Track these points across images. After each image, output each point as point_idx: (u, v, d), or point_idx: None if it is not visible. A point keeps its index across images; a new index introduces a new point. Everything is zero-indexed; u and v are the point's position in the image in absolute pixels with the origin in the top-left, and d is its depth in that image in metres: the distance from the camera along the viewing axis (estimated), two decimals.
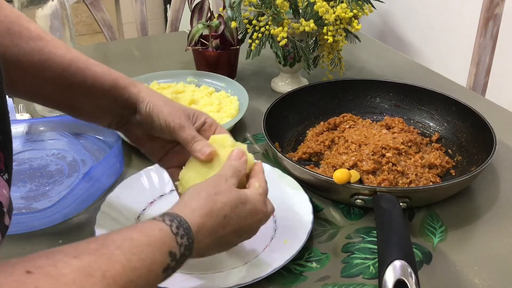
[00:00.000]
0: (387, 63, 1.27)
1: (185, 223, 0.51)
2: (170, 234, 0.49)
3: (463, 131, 0.90)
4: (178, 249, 0.49)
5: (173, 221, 0.50)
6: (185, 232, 0.50)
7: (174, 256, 0.48)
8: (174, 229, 0.49)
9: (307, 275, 0.66)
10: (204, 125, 0.66)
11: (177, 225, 0.50)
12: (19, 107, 1.03)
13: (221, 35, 1.08)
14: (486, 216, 0.76)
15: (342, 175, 0.72)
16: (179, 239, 0.49)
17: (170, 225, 0.49)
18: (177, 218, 0.50)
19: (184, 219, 0.51)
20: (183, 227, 0.50)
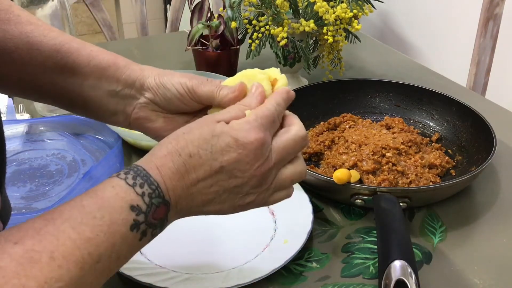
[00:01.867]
0: (387, 63, 1.27)
1: (142, 171, 0.45)
2: (126, 186, 0.44)
3: (463, 131, 0.90)
4: (141, 200, 0.44)
5: (128, 173, 0.45)
6: (143, 180, 0.45)
7: (139, 209, 0.44)
8: (129, 180, 0.44)
9: (307, 275, 0.66)
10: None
11: (133, 176, 0.45)
12: (19, 107, 1.03)
13: (221, 35, 1.08)
14: (486, 216, 0.76)
15: (342, 175, 0.72)
16: (138, 189, 0.44)
17: (125, 178, 0.44)
18: (134, 169, 0.46)
19: (141, 167, 0.46)
20: (140, 176, 0.45)
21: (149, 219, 0.44)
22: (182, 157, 0.47)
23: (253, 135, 0.48)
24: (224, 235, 0.72)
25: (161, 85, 0.57)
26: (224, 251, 0.69)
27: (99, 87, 0.58)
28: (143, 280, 0.61)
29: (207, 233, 0.72)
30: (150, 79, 0.57)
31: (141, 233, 0.44)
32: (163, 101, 0.58)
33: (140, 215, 0.44)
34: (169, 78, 0.57)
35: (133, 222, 0.43)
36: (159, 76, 0.57)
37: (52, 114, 1.01)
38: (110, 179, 0.45)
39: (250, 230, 0.72)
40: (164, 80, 0.57)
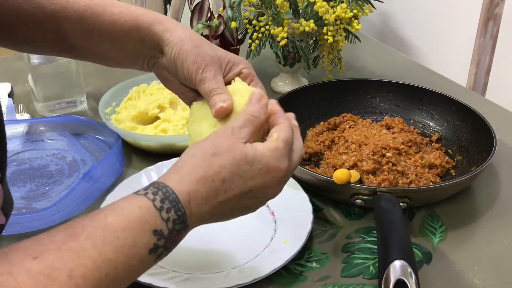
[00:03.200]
0: (387, 63, 1.27)
1: (171, 194, 0.44)
2: (153, 210, 0.43)
3: (463, 131, 0.90)
4: (165, 225, 0.43)
5: (157, 193, 0.44)
6: (171, 205, 0.44)
7: (161, 234, 0.43)
8: (157, 203, 0.43)
9: (307, 275, 0.66)
10: (239, 76, 0.58)
11: (162, 198, 0.44)
12: (19, 107, 1.04)
13: (221, 35, 1.08)
14: (486, 216, 0.76)
15: (342, 175, 0.72)
16: (165, 214, 0.43)
17: (153, 199, 0.44)
18: (163, 189, 0.44)
19: (171, 189, 0.45)
20: (169, 200, 0.44)
21: (167, 243, 0.45)
22: (215, 183, 0.47)
23: (282, 164, 0.50)
24: (224, 235, 0.72)
25: (174, 62, 0.57)
26: (224, 251, 0.69)
27: (126, 48, 0.59)
28: (143, 280, 0.61)
29: (207, 233, 0.72)
30: (168, 48, 0.57)
31: (157, 256, 0.44)
32: (173, 72, 0.59)
33: (161, 240, 0.43)
34: (183, 58, 0.56)
35: (153, 246, 0.43)
36: (176, 48, 0.56)
37: (52, 114, 1.01)
38: (137, 197, 0.44)
39: (250, 230, 0.72)
40: (178, 59, 0.56)
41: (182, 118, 0.91)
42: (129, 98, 0.99)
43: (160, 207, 0.43)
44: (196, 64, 0.55)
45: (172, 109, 0.95)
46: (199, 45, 0.56)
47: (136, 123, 0.93)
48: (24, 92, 1.10)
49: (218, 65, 0.57)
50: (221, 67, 0.57)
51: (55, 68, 0.98)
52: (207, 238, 0.71)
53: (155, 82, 1.03)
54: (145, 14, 0.58)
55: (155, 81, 1.04)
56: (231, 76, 0.58)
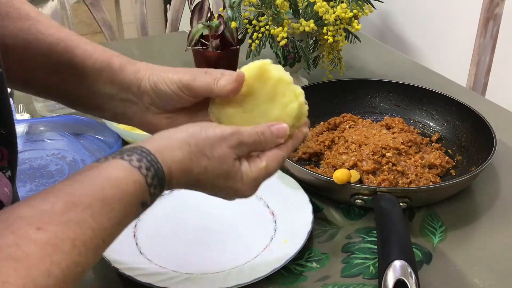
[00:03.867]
0: (387, 63, 1.27)
1: (160, 172, 0.47)
2: (145, 186, 0.46)
3: (463, 131, 0.90)
4: (150, 199, 0.47)
5: (149, 169, 0.46)
6: (158, 183, 0.47)
7: (145, 205, 0.47)
8: (149, 179, 0.46)
9: (307, 275, 0.66)
10: None
11: (153, 175, 0.46)
12: (19, 107, 1.03)
13: (221, 35, 1.08)
14: (486, 216, 0.76)
15: (342, 175, 0.72)
16: (153, 190, 0.47)
17: (145, 175, 0.46)
18: (154, 166, 0.47)
19: (161, 168, 0.47)
20: (158, 177, 0.47)
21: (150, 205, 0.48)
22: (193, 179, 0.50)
23: (251, 192, 0.53)
24: (224, 235, 0.72)
25: (155, 87, 0.56)
26: (224, 251, 0.69)
27: (96, 89, 0.57)
28: (143, 280, 0.61)
29: (207, 233, 0.72)
30: (144, 83, 0.56)
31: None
32: (160, 102, 0.56)
33: (144, 208, 0.47)
34: (162, 77, 0.55)
35: (136, 214, 0.46)
36: (152, 76, 0.56)
37: (52, 114, 1.01)
38: (132, 171, 0.45)
39: (250, 230, 0.72)
40: (157, 80, 0.55)
41: None
42: None
43: (150, 183, 0.46)
44: (180, 73, 0.55)
45: None
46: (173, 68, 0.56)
47: None
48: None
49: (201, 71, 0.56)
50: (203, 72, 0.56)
51: None
52: (207, 238, 0.71)
53: None
54: (119, 56, 0.57)
55: None
56: None
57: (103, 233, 0.42)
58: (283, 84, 0.53)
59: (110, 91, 0.57)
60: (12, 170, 0.49)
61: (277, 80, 0.53)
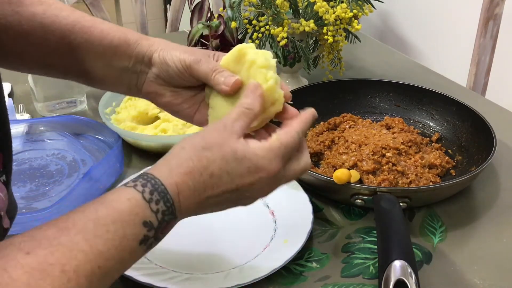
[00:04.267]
0: (387, 63, 1.27)
1: (160, 185, 0.45)
2: (142, 202, 0.43)
3: (463, 131, 0.90)
4: (155, 217, 0.44)
5: (146, 185, 0.44)
6: (160, 196, 0.44)
7: (151, 225, 0.44)
8: (147, 195, 0.44)
9: (307, 275, 0.66)
10: None
11: (151, 190, 0.44)
12: (19, 107, 1.04)
13: (221, 35, 1.08)
14: (486, 216, 0.76)
15: (342, 175, 0.72)
16: (154, 205, 0.44)
17: (142, 191, 0.44)
18: (152, 181, 0.45)
19: (160, 181, 0.45)
20: (157, 191, 0.44)
21: (157, 234, 0.45)
22: (203, 176, 0.47)
23: (274, 166, 0.49)
24: (224, 235, 0.72)
25: (164, 62, 0.57)
26: (224, 251, 0.69)
27: (113, 64, 0.59)
28: (143, 280, 0.61)
29: (207, 233, 0.72)
30: (155, 54, 0.58)
31: (148, 246, 0.45)
32: (166, 76, 0.58)
33: (151, 231, 0.44)
34: (171, 53, 0.57)
35: (143, 237, 0.43)
36: (163, 51, 0.58)
37: (52, 114, 1.01)
38: (127, 189, 0.44)
39: (250, 230, 0.72)
40: (166, 55, 0.57)
41: None
42: (129, 98, 0.99)
43: (149, 198, 0.44)
44: (187, 53, 0.56)
45: None
46: (184, 46, 0.58)
47: (136, 123, 0.93)
48: (24, 92, 1.10)
49: (208, 54, 0.57)
50: (209, 56, 0.57)
51: None
52: (207, 238, 0.71)
53: None
54: (133, 32, 0.60)
55: None
56: None
57: (98, 257, 0.40)
58: (255, 67, 0.54)
59: (126, 65, 0.59)
60: (7, 174, 0.49)
61: (250, 63, 0.54)
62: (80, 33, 0.58)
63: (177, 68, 0.57)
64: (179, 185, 0.46)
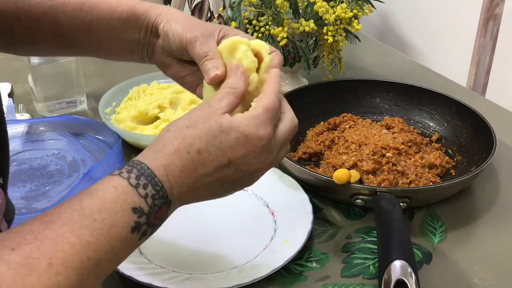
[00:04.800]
0: (387, 63, 1.27)
1: (146, 169, 0.44)
2: (129, 187, 0.42)
3: (463, 131, 0.90)
4: (144, 202, 0.43)
5: (131, 171, 0.43)
6: (147, 180, 0.43)
7: (141, 211, 0.42)
8: (133, 180, 0.43)
9: (307, 275, 0.66)
10: None
11: (137, 175, 0.43)
12: (19, 107, 1.03)
13: None
14: (486, 216, 0.76)
15: (342, 175, 0.72)
16: (142, 190, 0.43)
17: (127, 177, 0.43)
18: (137, 166, 0.44)
19: (146, 165, 0.44)
20: (144, 175, 0.43)
21: (150, 220, 0.44)
22: (191, 154, 0.46)
23: (262, 130, 0.48)
24: (224, 235, 0.72)
25: (166, 34, 0.57)
26: (224, 251, 0.69)
27: (124, 37, 0.59)
28: (143, 280, 0.61)
29: (207, 233, 0.72)
30: (160, 26, 0.58)
31: (142, 234, 0.44)
32: (169, 49, 0.58)
33: (142, 217, 0.43)
34: (173, 27, 0.56)
35: (134, 224, 0.42)
36: (167, 24, 0.57)
37: (52, 114, 1.01)
38: (112, 178, 0.43)
39: (250, 230, 0.72)
40: (168, 28, 0.57)
41: None
42: (129, 98, 0.99)
43: (136, 184, 0.43)
44: (186, 29, 0.55)
45: (172, 109, 0.95)
46: (189, 18, 0.57)
47: (136, 123, 0.93)
48: (24, 92, 1.10)
49: (210, 32, 0.56)
50: (213, 34, 0.56)
51: (55, 68, 0.98)
52: (207, 238, 0.71)
53: (155, 82, 1.03)
54: (141, 3, 0.59)
55: (155, 81, 1.04)
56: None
57: (87, 248, 0.39)
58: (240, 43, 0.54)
59: (137, 37, 0.59)
60: (4, 178, 0.49)
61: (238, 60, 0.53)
62: (90, 10, 0.58)
63: (176, 44, 0.56)
64: (167, 166, 0.45)
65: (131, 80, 1.02)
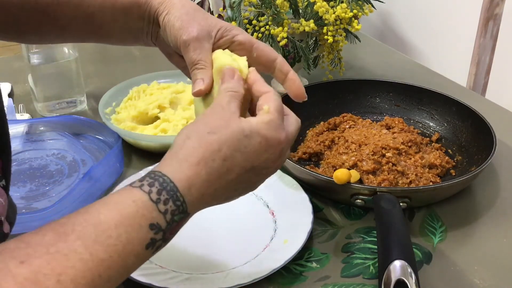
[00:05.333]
0: (387, 63, 1.27)
1: (169, 183, 0.42)
2: (149, 203, 0.41)
3: (463, 131, 0.90)
4: (163, 218, 0.41)
5: (153, 185, 0.41)
6: (169, 196, 0.41)
7: (158, 227, 0.41)
8: (154, 195, 0.41)
9: (307, 275, 0.66)
10: (233, 44, 0.55)
11: (159, 189, 0.41)
12: (19, 107, 1.04)
13: None
14: (486, 216, 0.76)
15: (342, 175, 0.72)
16: (162, 206, 0.41)
17: (148, 191, 0.41)
18: (159, 179, 0.42)
19: (169, 179, 0.42)
20: (166, 190, 0.41)
21: (166, 236, 0.43)
22: (216, 161, 0.44)
23: (281, 134, 0.48)
24: (224, 235, 0.72)
25: (164, 28, 0.56)
26: (224, 251, 0.69)
27: (128, 26, 0.60)
28: (143, 280, 0.61)
29: (207, 233, 0.72)
30: (161, 17, 0.57)
31: (155, 249, 0.42)
32: (168, 42, 0.58)
33: (158, 233, 0.41)
34: (171, 21, 0.55)
35: (150, 241, 0.41)
36: (167, 15, 0.56)
37: (52, 114, 1.01)
38: (132, 191, 0.42)
39: (250, 230, 0.72)
40: (167, 22, 0.55)
41: (182, 118, 0.91)
42: (129, 98, 0.99)
43: (156, 199, 0.41)
44: (182, 30, 0.54)
45: (172, 109, 0.95)
46: (190, 13, 0.55)
47: (136, 123, 0.93)
48: (24, 92, 1.10)
49: (207, 32, 0.54)
50: (210, 34, 0.54)
51: (55, 68, 0.99)
52: (207, 238, 0.71)
53: (155, 82, 1.03)
54: None
55: (155, 81, 1.04)
56: (223, 43, 0.55)
57: (99, 265, 0.37)
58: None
59: (141, 26, 0.59)
60: (6, 179, 0.48)
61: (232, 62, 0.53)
62: (92, 1, 0.59)
63: (173, 42, 0.56)
64: (191, 178, 0.43)
65: (131, 80, 1.03)
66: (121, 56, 1.31)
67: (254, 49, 0.56)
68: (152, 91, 0.99)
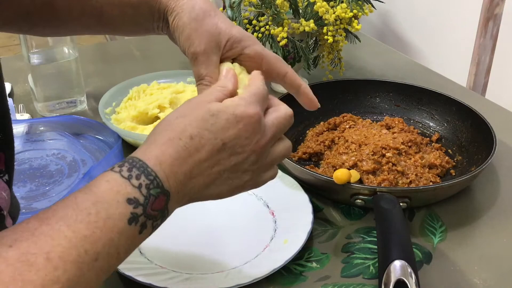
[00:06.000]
0: (387, 63, 1.27)
1: (138, 161, 0.44)
2: (121, 180, 0.42)
3: (463, 131, 0.90)
4: (139, 192, 0.42)
5: (122, 165, 0.44)
6: (140, 171, 0.43)
7: (136, 201, 0.42)
8: (124, 173, 0.43)
9: (307, 275, 0.66)
10: (241, 56, 0.55)
11: (129, 167, 0.43)
12: (19, 107, 1.04)
13: None
14: (486, 216, 0.76)
15: (342, 175, 0.72)
16: (135, 181, 0.43)
17: (119, 170, 0.43)
18: (129, 160, 0.44)
19: (137, 158, 0.44)
20: (136, 167, 0.43)
21: (147, 211, 0.43)
22: (183, 140, 0.45)
23: (251, 109, 0.48)
24: (224, 235, 0.72)
25: (174, 34, 0.56)
26: (224, 251, 0.69)
27: (138, 22, 0.60)
28: (143, 280, 0.61)
29: (207, 233, 0.72)
30: (170, 18, 0.56)
31: (141, 226, 0.43)
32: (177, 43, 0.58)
33: (138, 207, 0.42)
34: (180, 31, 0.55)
35: (131, 216, 0.42)
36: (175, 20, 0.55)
37: (52, 114, 1.01)
38: (105, 173, 0.44)
39: (250, 230, 0.72)
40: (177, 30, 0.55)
41: None
42: (129, 98, 0.99)
43: (128, 175, 0.43)
44: (189, 41, 0.54)
45: (172, 109, 0.95)
46: (200, 18, 0.54)
47: (136, 123, 0.93)
48: (24, 92, 1.10)
49: (216, 43, 0.54)
50: (219, 45, 0.54)
51: (55, 68, 0.99)
52: (207, 238, 0.71)
53: (155, 82, 1.03)
54: None
55: (155, 81, 1.04)
56: (231, 55, 0.55)
57: (83, 241, 0.39)
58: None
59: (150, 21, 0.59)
60: (9, 174, 0.49)
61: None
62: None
63: (180, 47, 0.56)
64: (159, 156, 0.44)
65: (131, 80, 1.03)
66: (121, 56, 1.31)
67: (264, 63, 0.56)
68: (152, 91, 0.99)
